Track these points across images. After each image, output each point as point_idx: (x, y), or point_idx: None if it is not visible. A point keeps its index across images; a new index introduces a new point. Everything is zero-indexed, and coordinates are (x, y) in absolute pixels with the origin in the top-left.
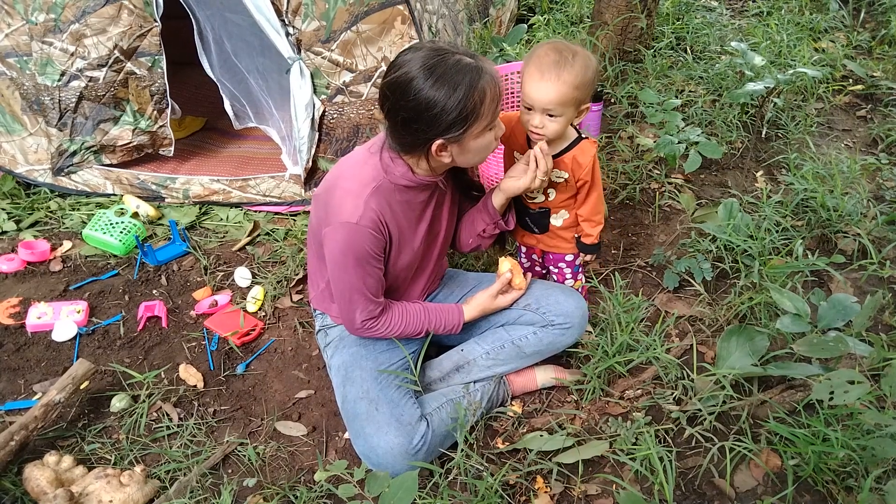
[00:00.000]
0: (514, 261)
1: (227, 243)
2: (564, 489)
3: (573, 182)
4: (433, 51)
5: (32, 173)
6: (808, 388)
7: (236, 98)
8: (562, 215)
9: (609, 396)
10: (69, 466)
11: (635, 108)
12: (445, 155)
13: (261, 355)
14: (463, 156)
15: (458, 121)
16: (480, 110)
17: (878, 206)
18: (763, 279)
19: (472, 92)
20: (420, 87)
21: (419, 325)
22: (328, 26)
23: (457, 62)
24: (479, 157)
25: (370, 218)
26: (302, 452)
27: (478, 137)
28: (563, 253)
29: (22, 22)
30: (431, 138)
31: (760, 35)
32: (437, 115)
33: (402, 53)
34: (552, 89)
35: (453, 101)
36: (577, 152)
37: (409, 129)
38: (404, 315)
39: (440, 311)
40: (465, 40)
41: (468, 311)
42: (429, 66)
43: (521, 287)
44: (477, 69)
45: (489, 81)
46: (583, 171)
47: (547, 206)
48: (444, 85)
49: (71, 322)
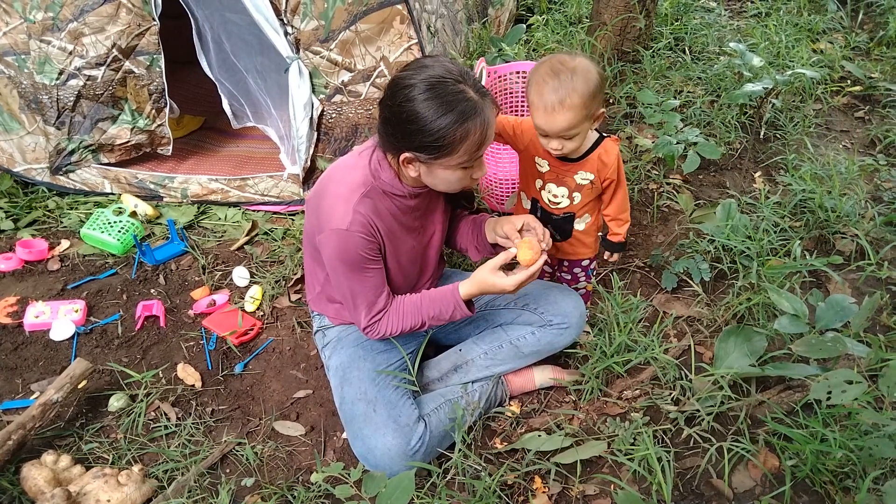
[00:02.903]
0: (531, 240)
1: (226, 243)
2: (562, 489)
3: (598, 183)
4: (448, 70)
5: (30, 172)
6: (805, 388)
7: (235, 97)
8: (584, 219)
9: (607, 397)
10: (67, 466)
11: (634, 108)
12: (412, 168)
13: (259, 355)
14: (429, 178)
15: (430, 146)
16: (457, 147)
17: (876, 207)
18: (761, 280)
19: (455, 126)
20: (412, 97)
21: (416, 317)
22: (327, 26)
23: (459, 91)
24: (447, 187)
25: (360, 223)
26: (300, 452)
27: (447, 170)
28: (580, 258)
29: (20, 20)
30: (402, 148)
31: (759, 36)
32: (414, 131)
33: (427, 57)
34: (560, 119)
35: (434, 125)
36: (601, 152)
37: (387, 130)
38: (399, 310)
39: (434, 298)
40: (463, 40)
41: (464, 287)
42: (432, 83)
43: (525, 262)
44: (474, 108)
45: (478, 124)
46: (608, 170)
47: (572, 212)
48: (434, 106)
49: (69, 321)
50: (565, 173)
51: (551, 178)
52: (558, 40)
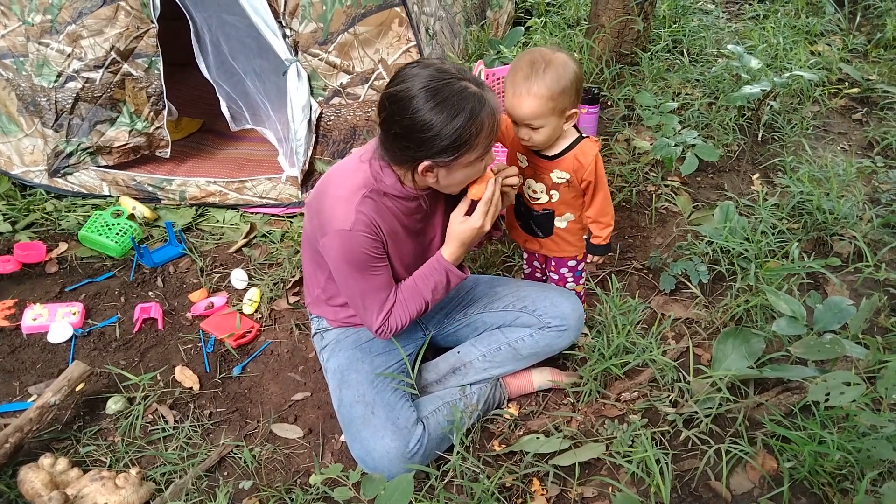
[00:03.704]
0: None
1: (224, 245)
2: (561, 491)
3: (576, 183)
4: (440, 72)
5: (28, 174)
6: (804, 390)
7: (233, 100)
8: (566, 217)
9: (605, 399)
10: (64, 469)
11: (632, 110)
12: (430, 176)
13: (257, 357)
14: (447, 180)
15: (450, 148)
16: (475, 141)
17: (874, 209)
18: (759, 282)
19: (470, 122)
20: (419, 107)
21: (419, 299)
22: (325, 28)
23: (462, 89)
24: (461, 185)
25: (363, 222)
26: (298, 455)
27: (467, 166)
28: (565, 258)
29: (18, 23)
30: (420, 158)
31: (757, 38)
32: (431, 139)
33: (410, 66)
34: (524, 104)
35: (450, 127)
36: (577, 152)
37: (399, 145)
38: (402, 300)
39: (424, 274)
40: (462, 42)
41: (445, 249)
42: (432, 88)
43: (477, 195)
44: (480, 99)
45: (489, 114)
46: (585, 171)
47: (551, 208)
48: (444, 110)
49: (66, 324)
50: (542, 170)
51: (530, 174)
52: (556, 43)
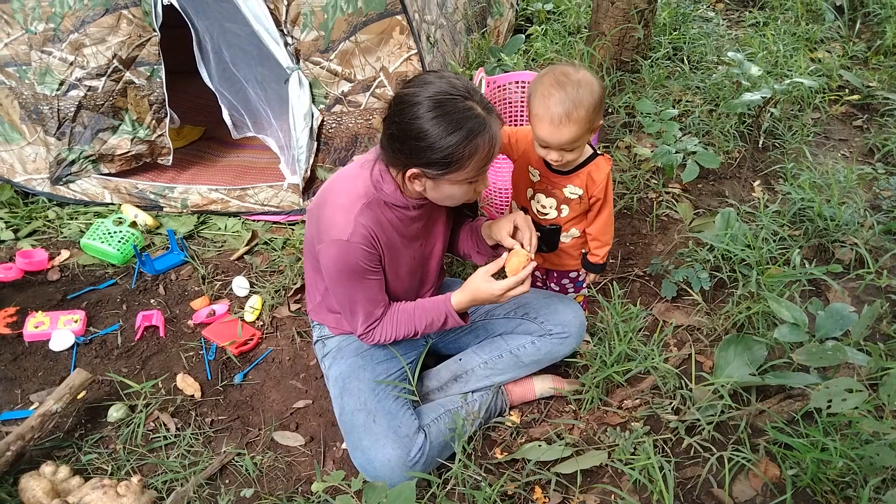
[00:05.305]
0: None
1: (225, 253)
2: (563, 499)
3: (586, 199)
4: (452, 86)
5: (31, 182)
6: (806, 397)
7: (235, 108)
8: (572, 233)
9: (607, 406)
10: (65, 477)
11: (632, 118)
12: (418, 184)
13: (258, 365)
14: (435, 193)
15: (440, 162)
16: (466, 163)
17: (875, 216)
18: (761, 288)
19: (465, 142)
20: (420, 115)
21: (409, 326)
22: (327, 36)
23: (467, 108)
24: (451, 202)
25: (361, 234)
26: (299, 463)
27: (454, 184)
28: (567, 270)
29: (21, 31)
30: (409, 164)
31: (757, 45)
32: (424, 149)
33: (429, 73)
34: (566, 132)
35: (444, 142)
36: (592, 168)
37: (394, 146)
38: (393, 319)
39: (426, 308)
40: (462, 50)
41: (456, 296)
42: (437, 100)
43: (511, 271)
44: (482, 123)
45: (487, 139)
46: (596, 187)
47: (558, 224)
48: (442, 124)
49: (68, 331)
50: (555, 185)
51: (541, 189)
52: (557, 50)
